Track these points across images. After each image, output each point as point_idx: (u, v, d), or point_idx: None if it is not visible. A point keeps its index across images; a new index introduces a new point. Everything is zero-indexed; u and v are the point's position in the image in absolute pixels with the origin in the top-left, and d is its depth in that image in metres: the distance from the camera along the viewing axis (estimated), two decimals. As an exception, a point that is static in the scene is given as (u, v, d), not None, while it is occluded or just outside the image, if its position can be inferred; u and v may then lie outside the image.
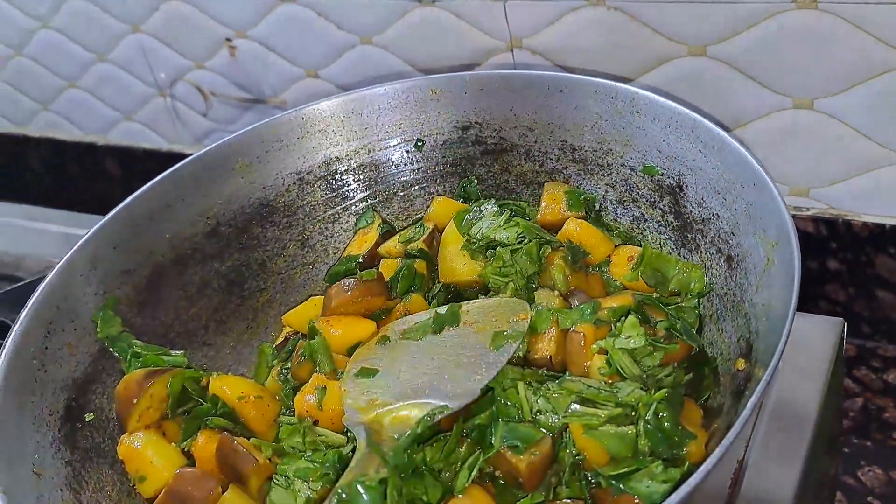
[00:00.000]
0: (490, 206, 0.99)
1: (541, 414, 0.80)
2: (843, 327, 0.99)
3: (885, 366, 1.15)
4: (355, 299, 0.95)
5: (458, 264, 0.98)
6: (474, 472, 0.78)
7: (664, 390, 0.77)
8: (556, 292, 0.91)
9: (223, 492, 0.82)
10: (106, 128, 1.64)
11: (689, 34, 1.08)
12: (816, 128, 1.07)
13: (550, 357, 0.86)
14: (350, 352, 0.92)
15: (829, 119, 1.06)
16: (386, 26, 1.26)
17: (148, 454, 0.85)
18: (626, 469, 0.74)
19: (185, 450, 0.89)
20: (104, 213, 0.98)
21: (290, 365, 0.97)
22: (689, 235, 0.92)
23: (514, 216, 0.98)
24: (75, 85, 1.61)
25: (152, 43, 1.47)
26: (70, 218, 1.59)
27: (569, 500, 0.77)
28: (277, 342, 1.03)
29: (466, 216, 0.99)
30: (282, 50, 1.38)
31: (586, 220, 0.98)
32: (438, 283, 1.00)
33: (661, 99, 0.92)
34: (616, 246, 0.96)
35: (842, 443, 1.09)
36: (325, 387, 0.88)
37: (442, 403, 0.80)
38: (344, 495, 0.73)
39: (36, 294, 0.90)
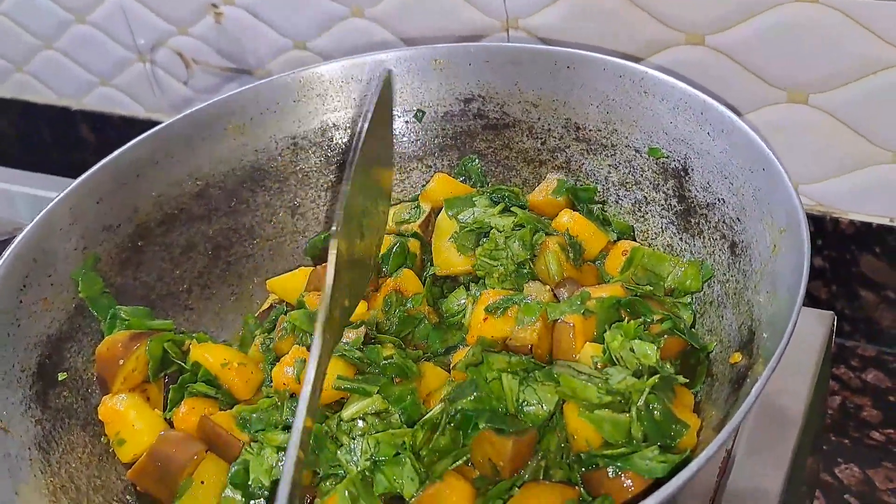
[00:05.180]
0: (482, 199, 0.97)
1: (527, 405, 0.78)
2: (833, 321, 0.99)
3: (864, 365, 1.16)
4: None
5: (453, 255, 0.95)
6: (458, 462, 0.77)
7: (655, 377, 0.76)
8: (547, 287, 0.89)
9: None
10: (81, 92, 1.59)
11: (689, 22, 1.07)
12: (810, 123, 1.07)
13: (532, 347, 0.83)
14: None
15: (823, 115, 1.06)
16: (380, -1, 1.23)
17: (130, 417, 0.82)
18: (622, 451, 0.73)
19: (167, 419, 0.86)
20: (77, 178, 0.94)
21: (273, 336, 0.94)
22: (693, 220, 0.91)
23: (510, 206, 0.96)
24: (51, 46, 1.55)
25: (134, 5, 1.42)
26: (40, 180, 1.53)
27: (559, 482, 0.75)
28: (261, 310, 1.00)
29: (456, 207, 0.97)
30: (270, 19, 1.34)
31: (580, 212, 0.96)
32: (430, 265, 0.98)
33: (671, 79, 0.90)
34: (612, 242, 0.95)
35: (822, 439, 1.09)
36: (304, 360, 0.84)
37: None
38: None
39: (12, 245, 0.86)
